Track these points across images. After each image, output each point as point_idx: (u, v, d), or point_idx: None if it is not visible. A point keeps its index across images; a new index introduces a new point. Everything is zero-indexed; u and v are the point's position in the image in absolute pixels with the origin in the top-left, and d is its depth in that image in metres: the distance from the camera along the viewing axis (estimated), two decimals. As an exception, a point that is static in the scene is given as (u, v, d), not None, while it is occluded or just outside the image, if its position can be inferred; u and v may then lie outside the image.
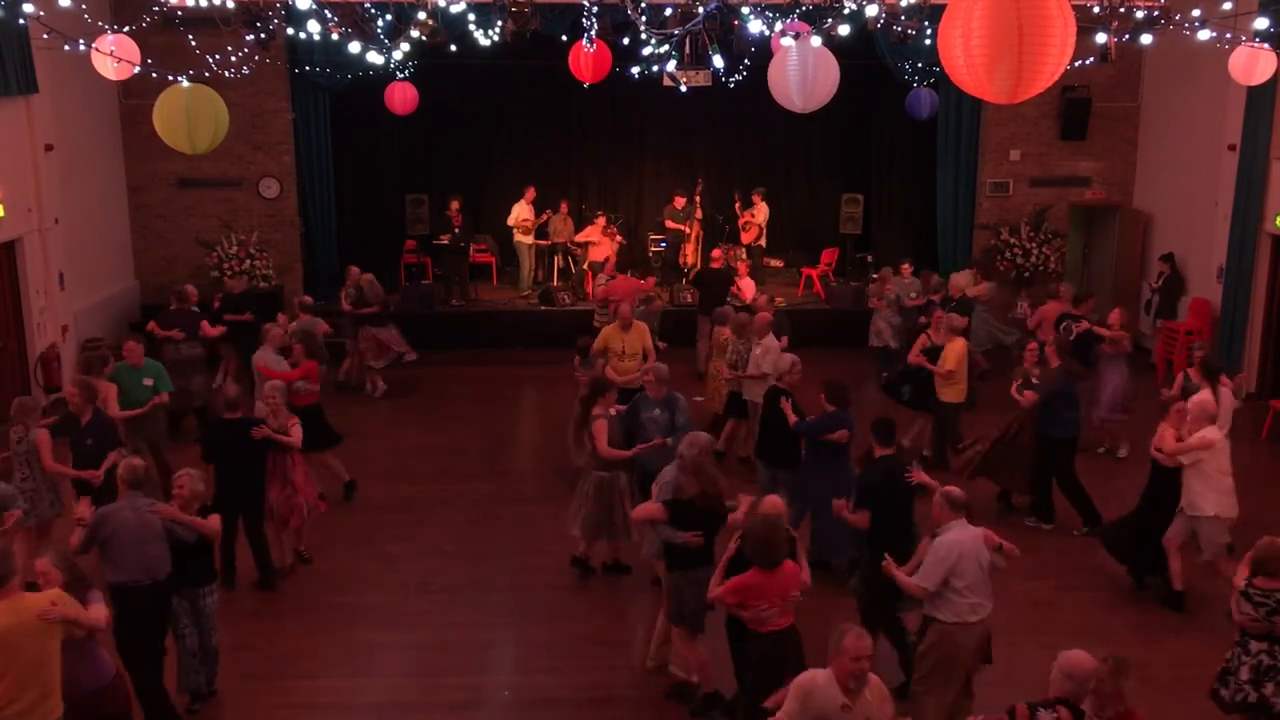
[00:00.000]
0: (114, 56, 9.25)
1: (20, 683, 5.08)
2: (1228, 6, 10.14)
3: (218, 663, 7.04)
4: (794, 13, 9.72)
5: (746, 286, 14.37)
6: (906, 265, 14.28)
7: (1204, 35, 10.52)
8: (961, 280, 14.38)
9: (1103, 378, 11.03)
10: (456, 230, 15.99)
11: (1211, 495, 7.91)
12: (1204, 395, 8.65)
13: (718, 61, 10.28)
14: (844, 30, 9.32)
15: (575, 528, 8.54)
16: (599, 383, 8.71)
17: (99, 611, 5.53)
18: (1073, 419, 9.61)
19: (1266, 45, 10.08)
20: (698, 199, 17.13)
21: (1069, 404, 9.57)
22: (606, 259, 15.78)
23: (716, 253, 15.34)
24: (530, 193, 16.72)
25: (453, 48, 12.80)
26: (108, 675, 5.75)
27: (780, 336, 11.00)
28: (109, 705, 5.72)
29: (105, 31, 9.65)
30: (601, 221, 16.63)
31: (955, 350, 10.43)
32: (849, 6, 9.75)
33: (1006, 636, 6.90)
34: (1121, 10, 10.94)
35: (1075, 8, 5.01)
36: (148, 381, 9.74)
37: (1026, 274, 16.18)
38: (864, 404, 10.97)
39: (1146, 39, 10.78)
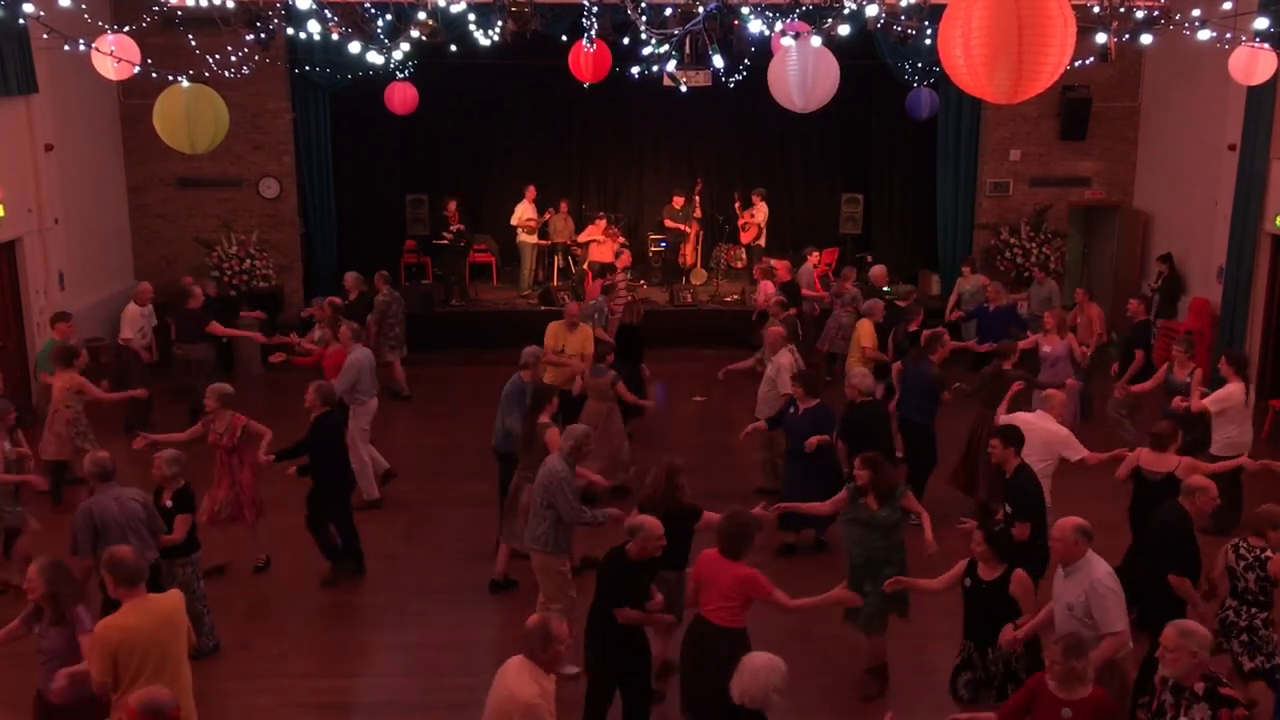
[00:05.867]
0: (114, 56, 9.24)
1: (150, 682, 5.02)
2: (1228, 6, 10.12)
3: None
4: (794, 13, 9.72)
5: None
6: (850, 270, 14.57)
7: (1204, 35, 10.51)
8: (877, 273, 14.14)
9: None
10: (455, 230, 15.98)
11: None
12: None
13: (718, 61, 10.27)
14: (844, 30, 9.31)
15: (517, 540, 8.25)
16: (540, 391, 8.48)
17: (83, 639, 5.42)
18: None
19: (1266, 45, 10.07)
20: (696, 199, 17.14)
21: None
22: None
23: (785, 264, 14.60)
24: (531, 191, 16.72)
25: (453, 48, 12.81)
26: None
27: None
28: None
29: (105, 31, 9.64)
30: (602, 223, 16.63)
31: (864, 330, 11.10)
32: (849, 6, 9.75)
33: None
34: (1121, 10, 10.94)
35: (1075, 8, 5.01)
36: None
37: (1026, 274, 16.17)
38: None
39: (1146, 39, 10.78)
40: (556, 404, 8.47)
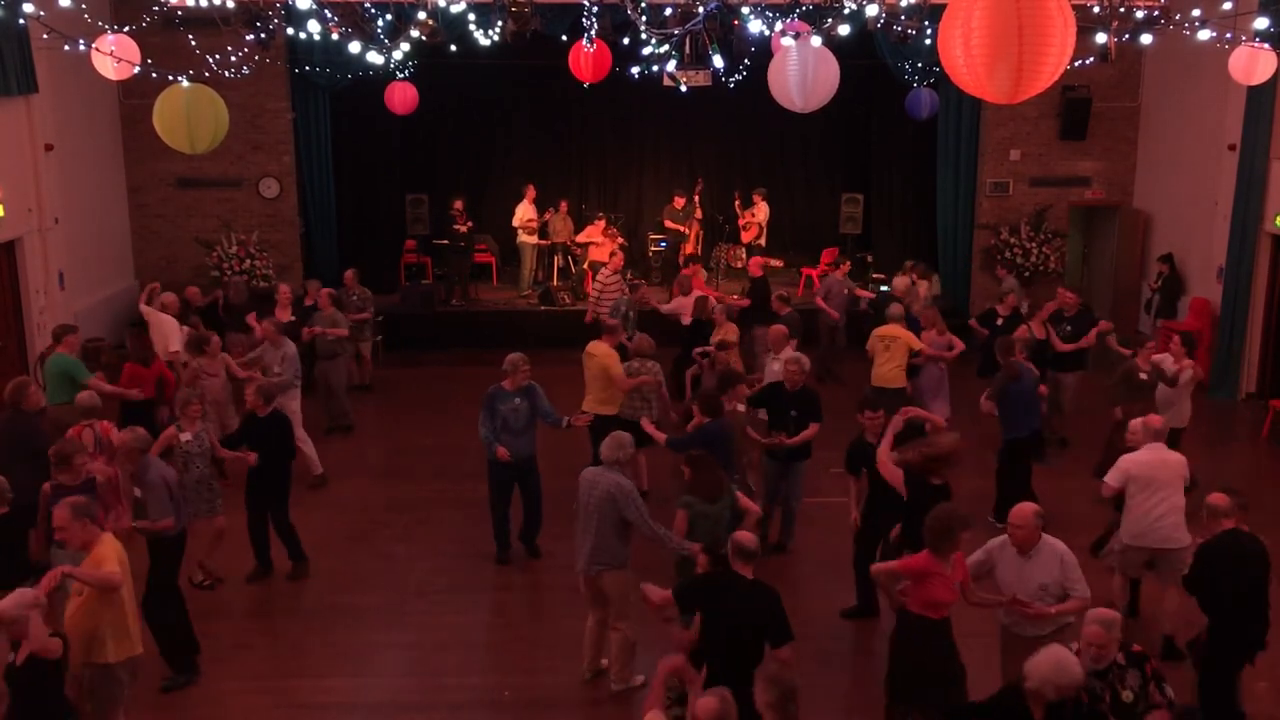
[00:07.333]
0: (114, 56, 9.23)
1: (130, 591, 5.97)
2: (1228, 6, 10.12)
3: None
4: (794, 13, 9.73)
5: (683, 305, 13.17)
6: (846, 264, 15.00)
7: (1204, 35, 10.50)
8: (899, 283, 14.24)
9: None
10: (463, 229, 15.94)
11: None
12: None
13: (718, 61, 10.30)
14: (844, 30, 9.32)
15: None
16: (728, 375, 9.07)
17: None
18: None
19: (1266, 45, 10.07)
20: (697, 199, 17.15)
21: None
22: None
23: (757, 260, 14.56)
24: (531, 191, 16.71)
25: (453, 48, 12.81)
26: None
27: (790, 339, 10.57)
28: None
29: (105, 31, 9.63)
30: (602, 223, 16.62)
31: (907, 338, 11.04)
32: (849, 6, 9.75)
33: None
34: (1121, 10, 10.94)
35: (1075, 8, 5.01)
36: None
37: (1026, 274, 16.18)
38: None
39: (1146, 39, 10.76)
40: (745, 391, 9.10)
